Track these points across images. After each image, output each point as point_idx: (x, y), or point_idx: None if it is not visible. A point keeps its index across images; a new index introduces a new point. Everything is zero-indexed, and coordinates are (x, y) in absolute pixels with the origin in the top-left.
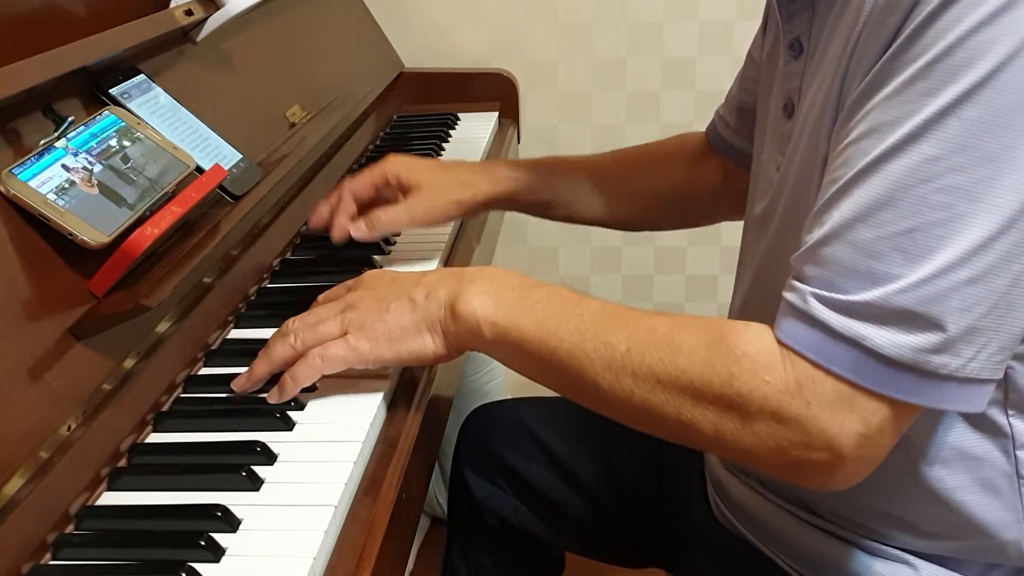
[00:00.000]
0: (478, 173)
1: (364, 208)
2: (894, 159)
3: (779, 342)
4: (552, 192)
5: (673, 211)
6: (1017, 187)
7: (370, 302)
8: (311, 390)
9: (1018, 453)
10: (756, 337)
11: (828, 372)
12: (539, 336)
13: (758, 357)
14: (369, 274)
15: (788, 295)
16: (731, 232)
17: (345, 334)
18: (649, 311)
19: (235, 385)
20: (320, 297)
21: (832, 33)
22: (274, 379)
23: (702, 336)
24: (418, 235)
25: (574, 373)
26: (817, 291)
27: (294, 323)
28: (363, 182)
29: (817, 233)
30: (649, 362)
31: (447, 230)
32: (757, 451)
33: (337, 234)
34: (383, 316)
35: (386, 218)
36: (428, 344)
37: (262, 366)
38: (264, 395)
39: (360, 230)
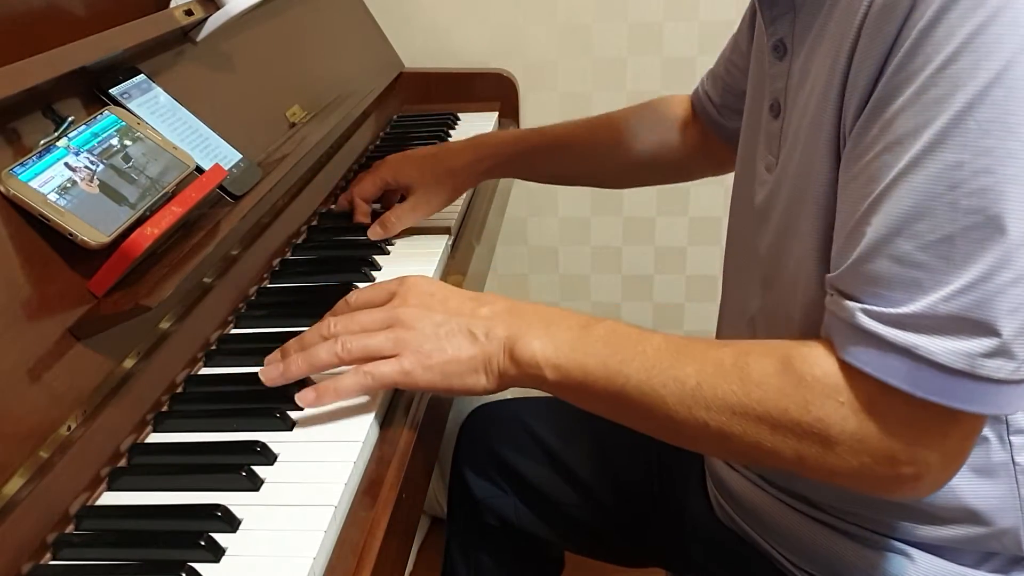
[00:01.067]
0: (465, 155)
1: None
2: (919, 170)
3: (839, 359)
4: (538, 160)
5: (654, 172)
6: None
7: (427, 326)
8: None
9: (1012, 439)
10: (821, 359)
11: (893, 387)
12: (604, 375)
13: (827, 380)
14: (416, 284)
15: (836, 311)
16: None
17: (397, 354)
18: (710, 341)
19: (265, 376)
20: (355, 298)
21: (819, 37)
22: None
23: (770, 364)
24: (419, 235)
25: (645, 409)
26: (867, 307)
27: (336, 326)
28: (368, 187)
29: (856, 251)
30: (722, 395)
31: (447, 230)
32: (843, 471)
33: (361, 221)
34: (441, 345)
35: (395, 218)
36: (481, 382)
37: (301, 366)
38: (262, 388)
39: (377, 233)
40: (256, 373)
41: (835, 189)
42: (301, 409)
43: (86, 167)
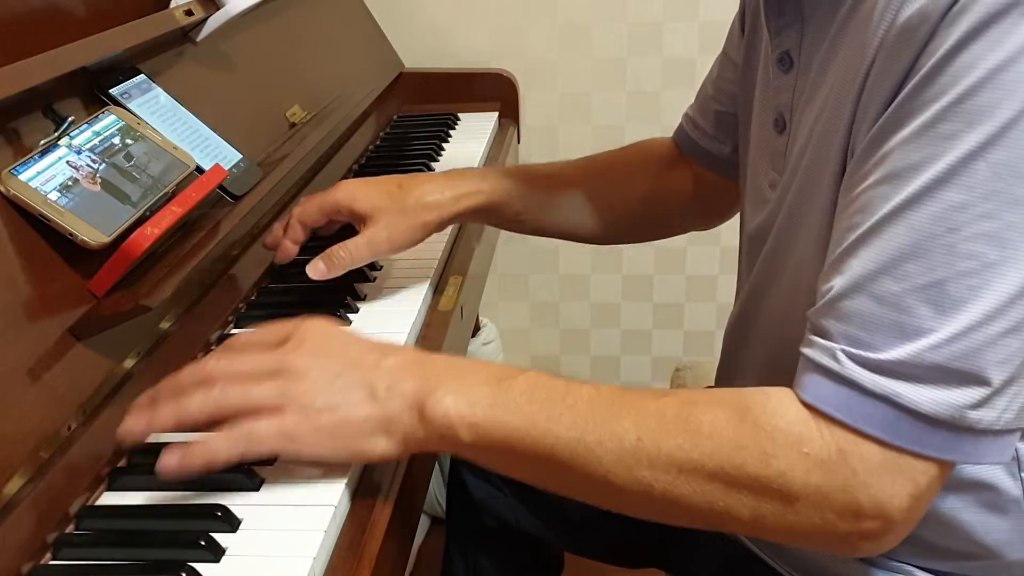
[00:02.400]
0: (441, 190)
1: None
2: (918, 207)
3: (807, 406)
4: (521, 203)
5: (644, 221)
6: None
7: (319, 378)
8: None
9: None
10: (782, 407)
11: (867, 435)
12: (530, 435)
13: (791, 429)
14: (315, 328)
15: (811, 352)
16: (731, 232)
17: (280, 408)
18: (648, 391)
19: (125, 429)
20: (249, 335)
21: (831, 52)
22: None
23: (722, 414)
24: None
25: (579, 472)
26: (845, 348)
27: (217, 363)
28: (312, 210)
29: (837, 285)
30: (668, 450)
31: (447, 230)
32: (803, 529)
33: (279, 257)
34: (334, 401)
35: (345, 254)
36: (378, 447)
37: (167, 418)
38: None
39: (317, 270)
40: None
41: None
42: None
43: (88, 165)
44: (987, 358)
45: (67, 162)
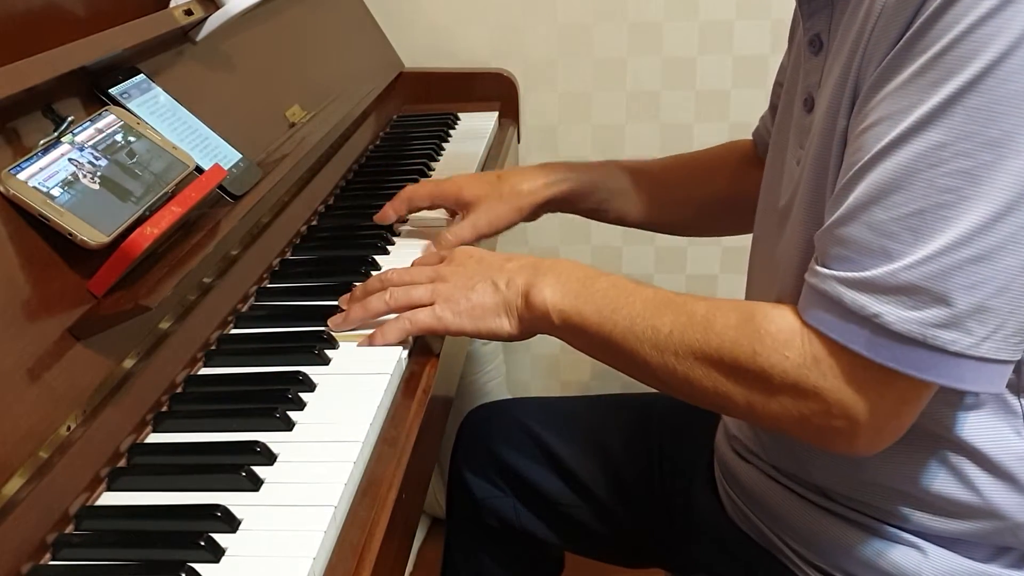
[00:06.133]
0: (534, 178)
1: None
2: (904, 145)
3: (802, 321)
4: (606, 194)
5: (723, 218)
6: (1019, 171)
7: (459, 279)
8: (310, 389)
9: None
10: (779, 316)
11: (844, 348)
12: (597, 321)
13: (779, 335)
14: (460, 250)
15: (810, 278)
16: None
17: (433, 303)
18: (696, 296)
19: (332, 322)
20: (415, 262)
21: (847, 29)
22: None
23: (733, 316)
24: (419, 237)
25: (627, 353)
26: (835, 272)
27: (390, 275)
28: (423, 193)
29: (836, 214)
30: (688, 342)
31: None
32: (783, 420)
33: (377, 217)
34: (468, 294)
35: (452, 236)
36: (504, 325)
37: (359, 313)
38: (262, 388)
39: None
40: (256, 373)
41: None
42: (301, 409)
43: (90, 163)
44: (953, 281)
45: (69, 159)
